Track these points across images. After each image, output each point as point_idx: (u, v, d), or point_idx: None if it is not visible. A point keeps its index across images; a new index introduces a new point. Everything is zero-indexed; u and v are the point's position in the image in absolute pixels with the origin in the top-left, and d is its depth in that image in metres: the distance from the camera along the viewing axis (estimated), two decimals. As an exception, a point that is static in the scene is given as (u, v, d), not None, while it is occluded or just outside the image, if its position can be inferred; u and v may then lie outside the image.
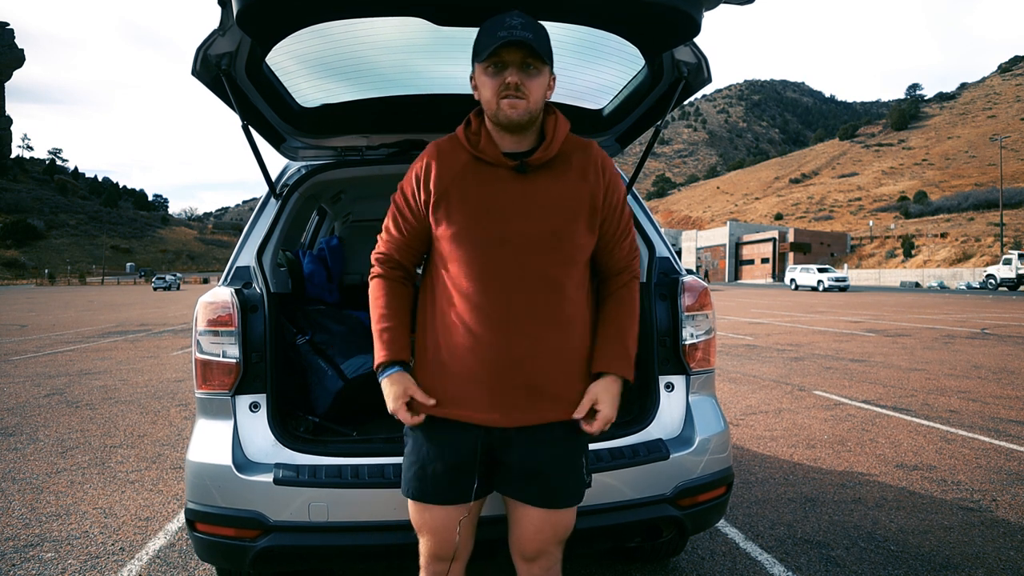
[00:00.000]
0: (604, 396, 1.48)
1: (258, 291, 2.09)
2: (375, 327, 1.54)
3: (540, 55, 1.35)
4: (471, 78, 1.46)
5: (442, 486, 1.48)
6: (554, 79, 1.45)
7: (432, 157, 1.50)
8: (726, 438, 2.17)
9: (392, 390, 1.48)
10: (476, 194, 1.44)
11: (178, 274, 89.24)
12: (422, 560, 1.58)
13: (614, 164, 1.58)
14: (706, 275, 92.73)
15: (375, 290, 1.57)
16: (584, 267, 1.52)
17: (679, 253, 50.96)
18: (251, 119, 2.24)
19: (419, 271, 1.65)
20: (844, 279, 42.62)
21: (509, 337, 1.42)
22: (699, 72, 2.01)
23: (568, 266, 1.46)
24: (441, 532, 1.51)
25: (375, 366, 1.52)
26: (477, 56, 1.40)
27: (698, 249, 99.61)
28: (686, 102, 4.12)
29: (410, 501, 1.54)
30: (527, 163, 1.44)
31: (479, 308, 1.42)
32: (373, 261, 1.60)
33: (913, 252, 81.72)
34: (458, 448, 1.47)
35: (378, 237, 1.61)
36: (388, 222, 1.58)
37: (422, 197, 1.49)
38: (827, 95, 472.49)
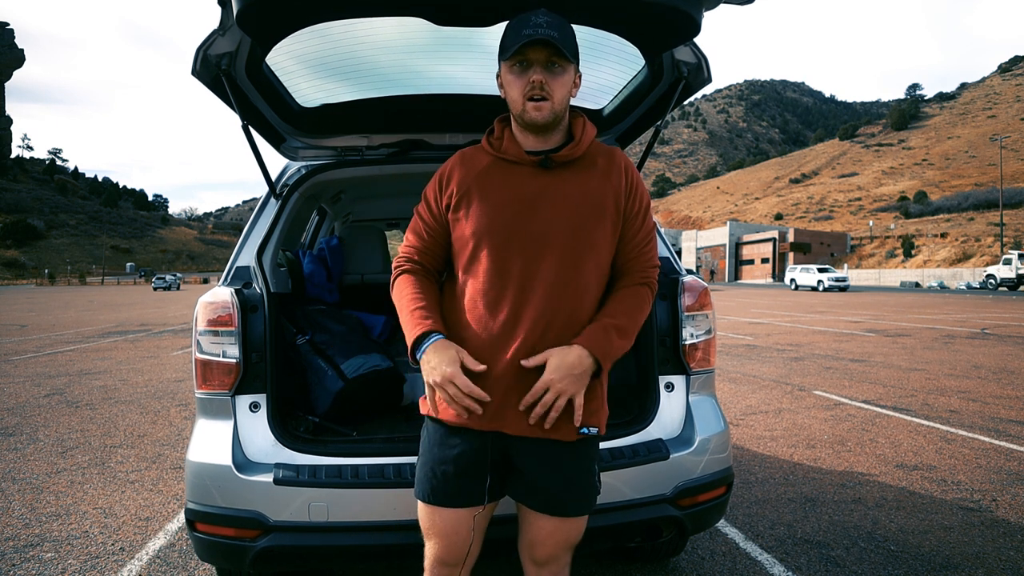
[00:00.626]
0: (552, 359, 1.36)
1: (258, 291, 2.09)
2: (407, 309, 1.46)
3: (565, 54, 1.35)
4: (497, 76, 1.46)
5: (451, 489, 1.46)
6: (579, 76, 1.45)
7: (456, 161, 1.52)
8: (726, 438, 2.17)
9: (445, 354, 1.36)
10: (497, 190, 1.44)
11: (178, 274, 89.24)
12: (426, 563, 1.55)
13: (639, 173, 1.57)
14: (712, 274, 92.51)
15: (400, 284, 1.52)
16: (603, 272, 1.49)
17: (679, 253, 50.96)
18: (251, 119, 2.24)
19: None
20: (844, 279, 42.61)
21: (520, 338, 1.40)
22: (699, 72, 2.01)
23: (584, 267, 1.44)
24: (449, 536, 1.49)
25: (410, 343, 1.42)
26: (503, 54, 1.40)
27: (698, 249, 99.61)
28: (686, 102, 4.13)
29: (419, 502, 1.52)
30: (551, 158, 1.44)
31: (492, 311, 1.41)
32: (394, 266, 1.57)
33: (913, 252, 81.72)
34: (468, 451, 1.45)
35: (399, 249, 1.60)
36: (410, 229, 1.57)
37: (444, 200, 1.50)
38: (827, 95, 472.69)
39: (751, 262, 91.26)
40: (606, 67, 2.10)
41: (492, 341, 1.42)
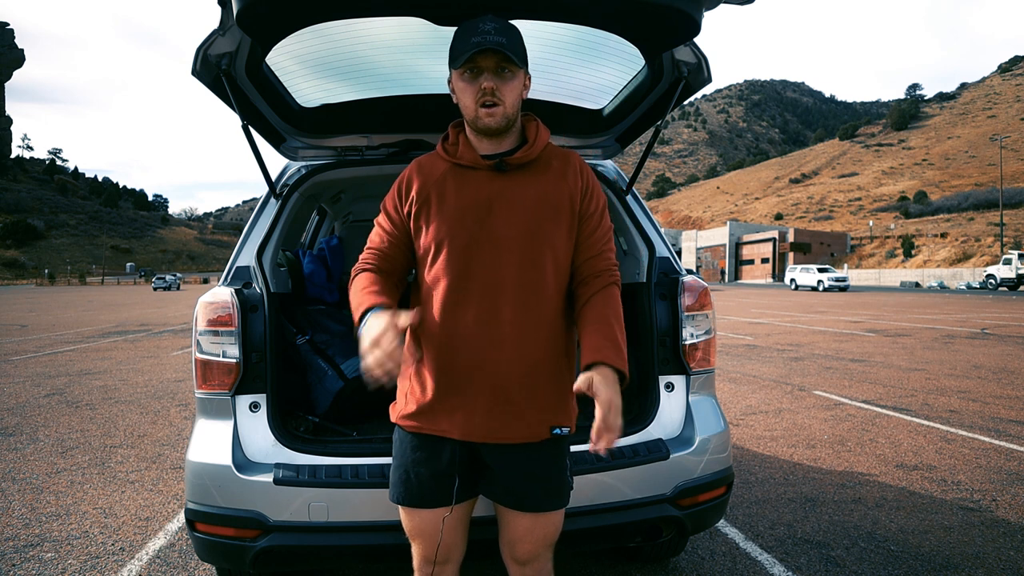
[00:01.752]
0: (601, 384, 1.29)
1: (258, 291, 2.09)
2: (359, 294, 1.40)
3: (514, 60, 1.36)
4: (448, 82, 1.47)
5: (426, 490, 1.48)
6: (529, 78, 1.47)
7: (413, 170, 1.52)
8: (726, 438, 2.17)
9: (379, 321, 1.28)
10: (454, 196, 1.45)
11: (178, 274, 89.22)
12: (415, 563, 1.58)
13: (594, 173, 1.58)
14: (722, 274, 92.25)
15: (356, 280, 1.47)
16: (562, 272, 1.48)
17: (679, 253, 50.88)
18: (251, 119, 2.24)
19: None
20: (844, 279, 42.61)
21: (483, 344, 1.41)
22: (699, 72, 2.01)
23: (542, 268, 1.44)
24: (431, 536, 1.51)
25: (357, 321, 1.35)
26: (453, 63, 1.41)
27: (698, 249, 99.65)
28: (686, 102, 4.12)
29: (399, 506, 1.54)
30: (506, 161, 1.45)
31: (455, 315, 1.42)
32: (352, 271, 1.53)
33: (913, 252, 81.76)
34: (439, 454, 1.47)
35: (359, 257, 1.56)
36: (371, 236, 1.56)
37: (405, 209, 1.50)
38: (827, 95, 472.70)
39: (751, 262, 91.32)
40: (606, 67, 2.09)
41: (457, 347, 1.42)
